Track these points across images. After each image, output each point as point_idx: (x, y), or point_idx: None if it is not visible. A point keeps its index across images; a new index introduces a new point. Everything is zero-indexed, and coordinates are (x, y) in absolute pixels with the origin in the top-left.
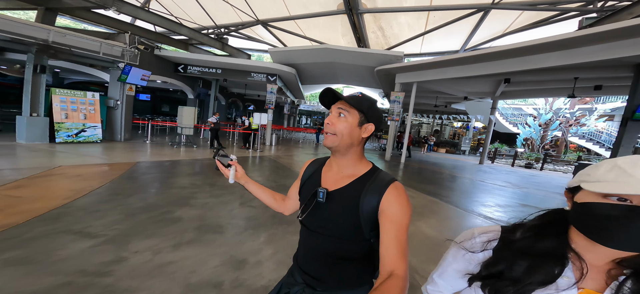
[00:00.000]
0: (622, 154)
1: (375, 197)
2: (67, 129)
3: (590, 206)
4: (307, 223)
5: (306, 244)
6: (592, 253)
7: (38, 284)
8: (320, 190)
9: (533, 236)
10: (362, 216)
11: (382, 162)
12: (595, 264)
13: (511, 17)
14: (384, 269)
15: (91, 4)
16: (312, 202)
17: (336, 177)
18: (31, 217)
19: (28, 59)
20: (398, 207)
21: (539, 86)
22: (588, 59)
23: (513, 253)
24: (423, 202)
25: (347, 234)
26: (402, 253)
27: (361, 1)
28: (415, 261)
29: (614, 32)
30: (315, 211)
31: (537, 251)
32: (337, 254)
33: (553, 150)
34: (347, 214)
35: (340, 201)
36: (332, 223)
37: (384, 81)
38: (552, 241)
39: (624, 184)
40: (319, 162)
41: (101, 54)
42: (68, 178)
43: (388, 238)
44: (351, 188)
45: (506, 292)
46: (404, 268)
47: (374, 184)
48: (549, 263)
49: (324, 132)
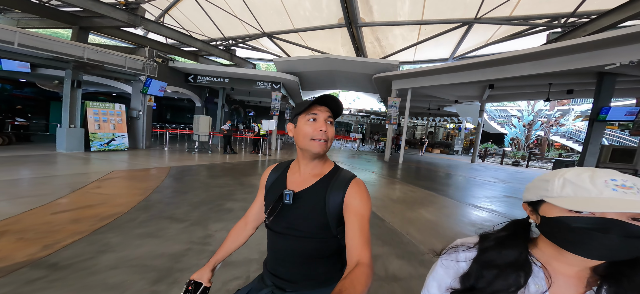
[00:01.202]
0: (592, 151)
1: (340, 193)
2: (100, 139)
3: (563, 220)
4: (274, 227)
5: (274, 247)
6: (561, 261)
7: (172, 249)
8: (287, 192)
9: (497, 247)
10: (329, 213)
11: (381, 163)
12: (566, 272)
13: (491, 30)
14: (351, 259)
15: (122, 23)
16: (278, 205)
17: (301, 179)
18: (128, 208)
19: (66, 74)
20: (360, 201)
21: (519, 90)
22: (555, 68)
23: (481, 265)
24: (422, 195)
25: (316, 232)
26: (366, 242)
27: (360, 16)
28: (420, 237)
29: (574, 47)
30: (282, 214)
31: (500, 262)
32: (306, 253)
33: (537, 148)
34: (315, 212)
35: (308, 200)
36: (300, 222)
37: (381, 87)
38: (514, 252)
39: (586, 200)
40: (281, 168)
41: (126, 68)
42: (128, 180)
43: (353, 229)
44: (317, 187)
45: None
46: (369, 255)
47: (338, 181)
48: (512, 273)
49: (318, 140)
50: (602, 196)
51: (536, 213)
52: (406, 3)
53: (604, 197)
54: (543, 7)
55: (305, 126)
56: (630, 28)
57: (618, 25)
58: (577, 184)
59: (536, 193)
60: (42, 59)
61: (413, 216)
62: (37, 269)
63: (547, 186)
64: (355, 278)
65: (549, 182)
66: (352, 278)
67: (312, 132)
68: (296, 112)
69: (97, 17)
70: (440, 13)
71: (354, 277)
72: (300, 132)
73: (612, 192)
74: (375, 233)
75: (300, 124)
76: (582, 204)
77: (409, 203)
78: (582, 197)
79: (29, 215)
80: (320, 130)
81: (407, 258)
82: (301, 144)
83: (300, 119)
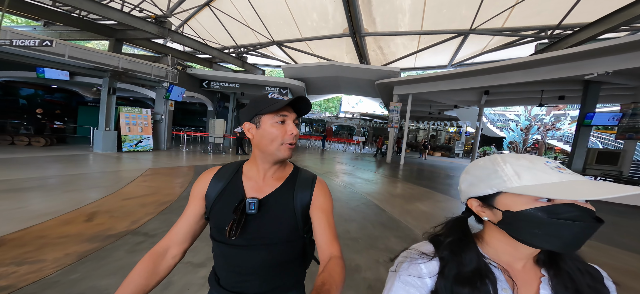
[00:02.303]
0: (579, 154)
1: (308, 193)
2: (129, 140)
3: (531, 213)
4: (235, 240)
5: (234, 262)
6: (511, 255)
7: None
8: (250, 200)
9: (454, 256)
10: (297, 213)
11: (384, 164)
12: (516, 267)
13: (486, 40)
14: (323, 254)
15: (152, 35)
16: (242, 217)
17: (260, 184)
18: (175, 198)
19: (103, 82)
20: (325, 198)
21: (514, 96)
22: (544, 77)
23: (452, 281)
24: (420, 192)
25: (285, 236)
26: (335, 237)
27: (363, 26)
28: (415, 223)
29: (559, 57)
30: (245, 225)
31: (467, 272)
32: (275, 261)
33: (534, 152)
34: (285, 216)
35: (275, 205)
36: (267, 230)
37: (383, 92)
38: (472, 256)
39: (560, 187)
40: (226, 174)
41: (152, 76)
42: (165, 176)
43: (322, 226)
44: (283, 190)
45: None
46: (339, 248)
47: (303, 181)
48: (482, 285)
49: (288, 144)
50: (567, 180)
51: (490, 208)
52: (406, 15)
53: (569, 180)
54: (531, 20)
55: (273, 129)
56: (605, 42)
57: (597, 38)
58: (533, 169)
59: (490, 185)
60: (82, 68)
61: (410, 208)
62: (136, 236)
63: (500, 175)
64: (333, 270)
65: (497, 172)
66: (329, 270)
67: (282, 136)
68: (258, 110)
69: (130, 30)
70: (438, 24)
71: (332, 269)
72: (266, 134)
73: (568, 175)
74: (378, 220)
75: (266, 125)
76: (556, 190)
77: (407, 198)
78: (549, 184)
79: (106, 201)
80: (291, 134)
81: (402, 238)
82: (267, 148)
83: (265, 120)
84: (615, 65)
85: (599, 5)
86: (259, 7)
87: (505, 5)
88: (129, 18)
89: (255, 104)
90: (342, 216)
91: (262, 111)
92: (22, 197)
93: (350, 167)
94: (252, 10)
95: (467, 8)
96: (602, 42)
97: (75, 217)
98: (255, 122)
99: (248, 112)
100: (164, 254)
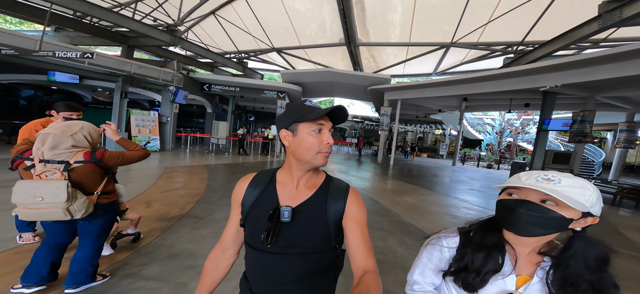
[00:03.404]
0: (539, 155)
1: (341, 202)
2: (139, 141)
3: (500, 201)
4: (269, 248)
5: (269, 270)
6: (518, 244)
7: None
8: (284, 209)
9: (481, 233)
10: (330, 223)
11: (375, 164)
12: (523, 253)
13: (464, 52)
14: (357, 268)
15: (164, 43)
16: (277, 225)
17: (293, 192)
18: (203, 191)
19: (116, 87)
20: (359, 209)
21: (488, 102)
22: (510, 87)
23: (473, 248)
24: (408, 187)
25: (318, 246)
26: (370, 251)
27: (358, 37)
28: (402, 211)
29: (520, 72)
30: (280, 233)
31: (487, 244)
32: (308, 270)
33: (507, 153)
34: (318, 225)
35: (308, 214)
36: (301, 239)
37: (375, 97)
38: (495, 236)
39: (511, 181)
40: (261, 181)
41: (160, 80)
42: (184, 173)
43: (357, 238)
44: (317, 198)
45: (473, 282)
46: (374, 263)
47: (336, 190)
48: (496, 254)
49: (324, 153)
50: (524, 183)
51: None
52: (397, 28)
53: (525, 183)
54: (500, 36)
55: (309, 137)
56: (556, 59)
57: (552, 55)
58: (519, 176)
59: (505, 184)
60: (96, 73)
61: (399, 200)
62: (190, 218)
63: (511, 178)
64: (370, 284)
65: (515, 176)
66: (367, 284)
67: (318, 145)
68: (295, 118)
69: (142, 37)
70: (424, 37)
71: (369, 283)
72: (303, 142)
73: (534, 181)
74: (374, 209)
75: (303, 134)
76: (507, 184)
77: (396, 192)
78: (515, 182)
79: (149, 192)
80: (327, 143)
81: (393, 222)
82: (302, 156)
83: (302, 128)
84: (562, 79)
85: (554, 26)
86: (262, 17)
87: (479, 23)
88: (145, 27)
89: (292, 111)
90: None
91: (299, 119)
92: None
93: (344, 167)
94: (255, 19)
95: (449, 24)
96: (553, 60)
97: (136, 204)
98: (292, 130)
99: (285, 119)
100: (221, 255)
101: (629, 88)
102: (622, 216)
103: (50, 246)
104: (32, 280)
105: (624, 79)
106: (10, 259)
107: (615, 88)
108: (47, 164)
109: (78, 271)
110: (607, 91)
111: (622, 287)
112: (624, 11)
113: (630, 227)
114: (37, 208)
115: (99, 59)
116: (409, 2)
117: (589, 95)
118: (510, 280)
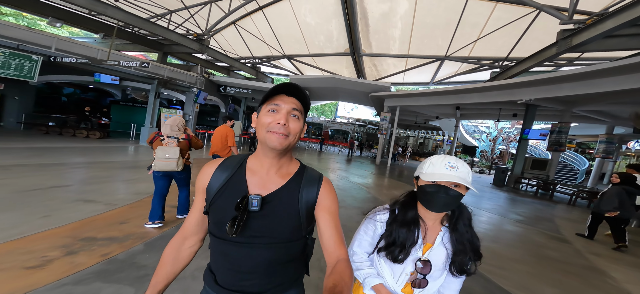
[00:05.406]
0: (520, 161)
1: (314, 191)
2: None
3: (423, 187)
4: (235, 238)
5: (232, 260)
6: (427, 217)
7: None
8: (253, 197)
9: (403, 211)
10: (301, 213)
11: (374, 165)
12: (430, 224)
13: (457, 65)
14: (330, 257)
15: (193, 50)
16: (244, 214)
17: (265, 180)
18: None
19: (152, 88)
20: (332, 199)
21: (479, 111)
22: (495, 99)
23: (398, 224)
24: (399, 184)
25: (288, 235)
26: (342, 240)
27: (362, 48)
28: (386, 199)
29: (502, 85)
30: (247, 223)
31: (407, 220)
32: (276, 260)
33: (500, 160)
34: (289, 215)
35: (279, 204)
36: (271, 228)
37: (376, 103)
38: (413, 212)
39: (432, 175)
40: (229, 166)
41: (186, 82)
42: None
43: (329, 228)
44: (289, 187)
45: (398, 255)
46: (346, 251)
47: (309, 179)
48: (414, 228)
49: (275, 133)
50: (438, 172)
51: (416, 184)
52: (397, 41)
53: (439, 172)
54: (488, 52)
55: (265, 116)
56: (531, 76)
57: (529, 70)
58: (433, 164)
59: (417, 170)
60: (137, 76)
61: (389, 194)
62: None
63: (422, 166)
64: (343, 272)
65: (423, 164)
66: (340, 272)
67: (268, 123)
68: (261, 102)
69: (175, 45)
70: (421, 50)
71: (342, 271)
72: (259, 122)
73: (445, 169)
74: (371, 198)
75: (261, 114)
76: (430, 177)
77: (387, 186)
78: (430, 172)
79: None
80: (278, 123)
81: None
82: (259, 136)
83: (263, 109)
84: (535, 94)
85: (530, 46)
86: (276, 28)
87: (469, 40)
88: (181, 38)
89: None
90: (342, 193)
91: (262, 100)
92: (133, 175)
93: (345, 166)
94: (270, 29)
95: (443, 39)
96: (529, 76)
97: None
98: (258, 112)
99: (259, 105)
100: (182, 245)
101: (601, 103)
102: (564, 210)
103: (159, 196)
104: (155, 217)
105: (593, 95)
106: (131, 211)
107: (588, 103)
108: (167, 138)
109: (183, 203)
110: (581, 105)
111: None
112: (574, 39)
113: (561, 217)
114: (165, 161)
115: (152, 67)
116: (407, 20)
117: (565, 108)
118: (420, 248)
